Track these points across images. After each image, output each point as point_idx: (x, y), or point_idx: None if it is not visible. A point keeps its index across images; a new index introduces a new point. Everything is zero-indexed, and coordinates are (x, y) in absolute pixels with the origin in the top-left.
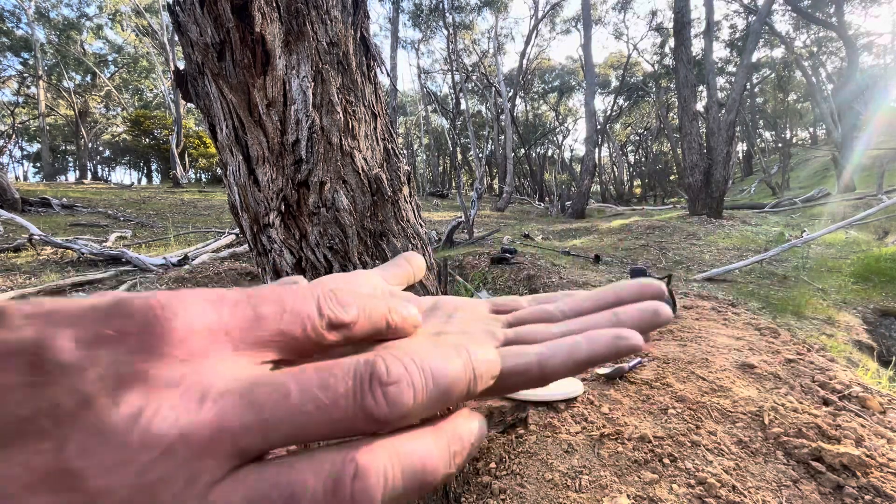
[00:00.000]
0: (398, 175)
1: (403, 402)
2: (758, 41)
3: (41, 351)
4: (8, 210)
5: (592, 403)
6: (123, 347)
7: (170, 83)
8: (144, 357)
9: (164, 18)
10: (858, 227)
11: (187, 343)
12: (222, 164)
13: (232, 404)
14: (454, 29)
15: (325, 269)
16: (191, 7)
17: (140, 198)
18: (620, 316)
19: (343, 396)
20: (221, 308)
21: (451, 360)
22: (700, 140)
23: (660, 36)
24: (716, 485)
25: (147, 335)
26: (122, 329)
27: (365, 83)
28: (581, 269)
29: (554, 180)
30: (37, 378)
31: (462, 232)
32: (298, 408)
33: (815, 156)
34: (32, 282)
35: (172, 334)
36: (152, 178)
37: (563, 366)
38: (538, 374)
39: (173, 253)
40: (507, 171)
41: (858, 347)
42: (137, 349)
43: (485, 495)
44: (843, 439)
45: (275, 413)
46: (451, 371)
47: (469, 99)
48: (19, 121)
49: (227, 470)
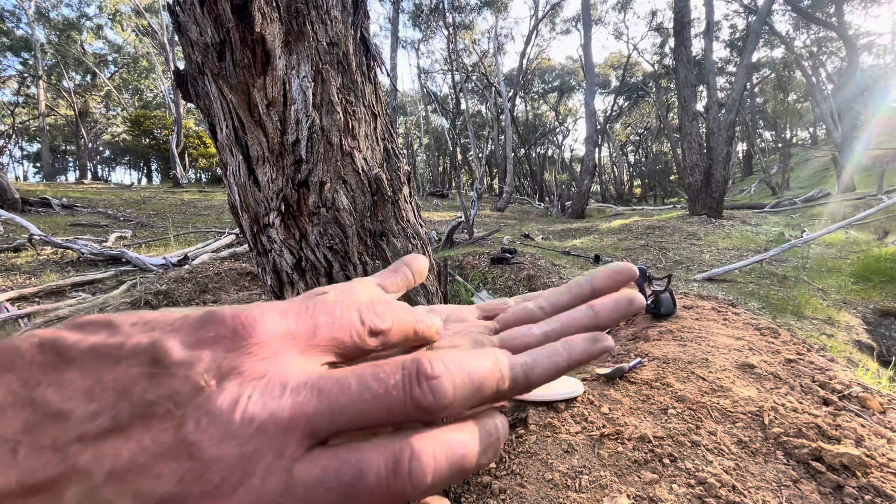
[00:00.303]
0: (398, 175)
1: (446, 393)
2: (758, 41)
3: (157, 351)
4: (8, 210)
5: (592, 403)
6: (220, 347)
7: (170, 83)
8: (236, 355)
9: (164, 18)
10: (858, 227)
11: (267, 345)
12: (222, 164)
13: (306, 394)
14: (454, 29)
15: (325, 269)
16: (191, 7)
17: (140, 198)
18: (597, 309)
19: (394, 387)
20: (289, 318)
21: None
22: (700, 140)
23: (660, 36)
24: (716, 485)
25: (237, 338)
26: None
27: (365, 83)
28: (581, 269)
29: (554, 180)
30: (155, 371)
31: (462, 232)
32: (358, 396)
33: (815, 156)
34: (32, 282)
35: (256, 338)
36: (152, 178)
37: (546, 373)
38: (524, 383)
39: (173, 253)
40: (507, 171)
41: (858, 347)
42: (230, 349)
43: (485, 495)
44: (843, 439)
45: (339, 400)
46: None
47: (469, 99)
48: (19, 121)
49: (304, 448)
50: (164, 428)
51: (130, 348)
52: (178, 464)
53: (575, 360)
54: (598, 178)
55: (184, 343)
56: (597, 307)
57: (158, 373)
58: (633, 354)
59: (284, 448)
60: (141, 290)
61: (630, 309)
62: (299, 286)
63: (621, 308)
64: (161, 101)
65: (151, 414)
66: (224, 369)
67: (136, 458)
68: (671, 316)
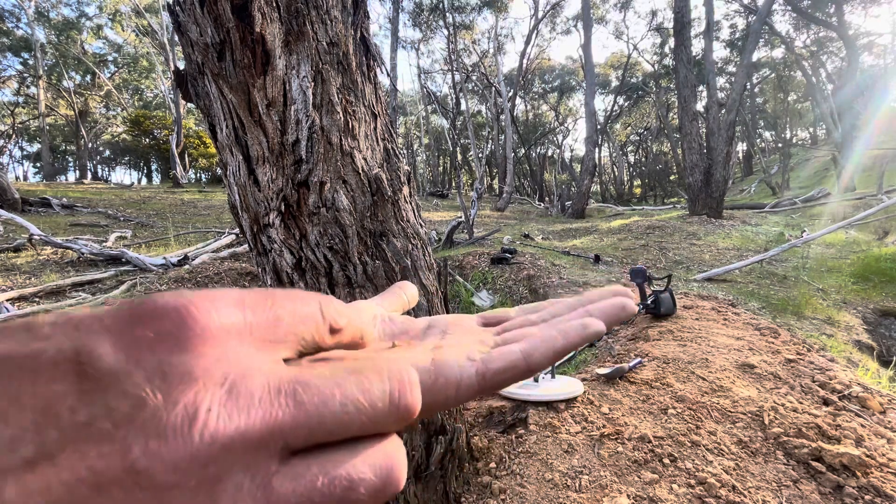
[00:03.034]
0: (398, 175)
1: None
2: (758, 41)
3: (82, 358)
4: (8, 210)
5: (592, 403)
6: (162, 347)
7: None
8: (184, 356)
9: (164, 18)
10: (858, 227)
11: (221, 341)
12: (222, 164)
13: (280, 403)
14: (454, 29)
15: (325, 269)
16: (191, 7)
17: (140, 198)
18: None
19: (380, 399)
20: (245, 308)
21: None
22: (700, 140)
23: (660, 36)
24: (716, 485)
25: (184, 335)
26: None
27: (365, 83)
28: (581, 269)
29: (554, 180)
30: (85, 385)
31: (462, 232)
32: (341, 408)
33: (815, 156)
34: (32, 282)
35: (206, 333)
36: (152, 178)
37: (544, 357)
38: (525, 368)
39: (173, 253)
40: (507, 171)
41: (858, 347)
42: (176, 349)
43: (485, 495)
44: (843, 439)
45: (320, 412)
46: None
47: (469, 99)
48: (19, 121)
49: (279, 461)
50: (102, 454)
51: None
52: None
53: (570, 343)
54: (598, 178)
55: (116, 346)
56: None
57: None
58: (633, 354)
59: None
60: (141, 290)
61: (621, 314)
62: (299, 286)
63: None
64: (161, 101)
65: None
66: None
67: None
68: (671, 316)
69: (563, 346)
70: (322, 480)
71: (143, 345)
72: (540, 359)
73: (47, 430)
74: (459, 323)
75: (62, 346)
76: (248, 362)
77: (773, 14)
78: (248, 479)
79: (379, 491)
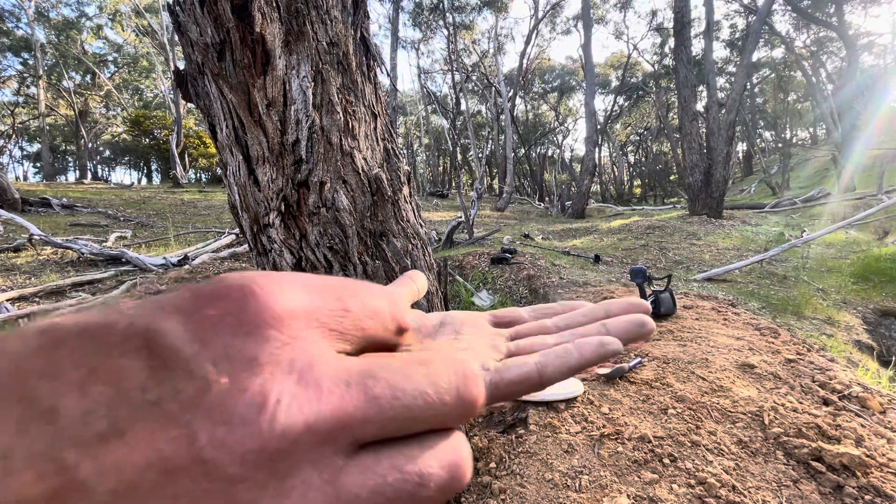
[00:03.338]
0: (398, 175)
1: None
2: (758, 41)
3: (151, 335)
4: (8, 210)
5: (592, 403)
6: (227, 330)
7: (170, 83)
8: (250, 340)
9: (164, 18)
10: (858, 227)
11: (287, 325)
12: (222, 164)
13: (352, 397)
14: (454, 29)
15: (325, 269)
16: (191, 7)
17: (140, 198)
18: (609, 326)
19: (447, 392)
20: (312, 293)
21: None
22: (700, 140)
23: (660, 36)
24: (716, 485)
25: (249, 317)
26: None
27: (365, 83)
28: (581, 269)
29: (554, 180)
30: (154, 362)
31: (462, 232)
32: (412, 402)
33: (815, 156)
34: (32, 282)
35: (273, 315)
36: (152, 178)
37: (558, 371)
38: (538, 381)
39: (173, 253)
40: (507, 171)
41: (858, 347)
42: (241, 331)
43: (485, 495)
44: (843, 439)
45: (393, 406)
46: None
47: (469, 99)
48: (19, 121)
49: (348, 456)
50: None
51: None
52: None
53: (585, 360)
54: (598, 178)
55: (184, 325)
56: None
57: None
58: (633, 354)
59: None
60: (141, 290)
61: (640, 331)
62: None
63: (632, 329)
64: (161, 101)
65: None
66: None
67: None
68: (671, 316)
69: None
70: (394, 476)
71: (208, 325)
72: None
73: (119, 407)
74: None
75: (134, 322)
76: (315, 349)
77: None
78: (317, 475)
79: (447, 487)
